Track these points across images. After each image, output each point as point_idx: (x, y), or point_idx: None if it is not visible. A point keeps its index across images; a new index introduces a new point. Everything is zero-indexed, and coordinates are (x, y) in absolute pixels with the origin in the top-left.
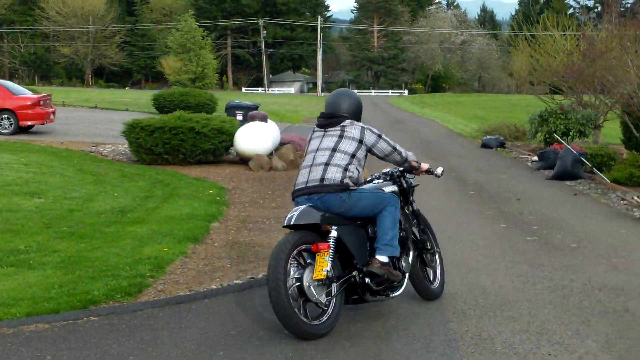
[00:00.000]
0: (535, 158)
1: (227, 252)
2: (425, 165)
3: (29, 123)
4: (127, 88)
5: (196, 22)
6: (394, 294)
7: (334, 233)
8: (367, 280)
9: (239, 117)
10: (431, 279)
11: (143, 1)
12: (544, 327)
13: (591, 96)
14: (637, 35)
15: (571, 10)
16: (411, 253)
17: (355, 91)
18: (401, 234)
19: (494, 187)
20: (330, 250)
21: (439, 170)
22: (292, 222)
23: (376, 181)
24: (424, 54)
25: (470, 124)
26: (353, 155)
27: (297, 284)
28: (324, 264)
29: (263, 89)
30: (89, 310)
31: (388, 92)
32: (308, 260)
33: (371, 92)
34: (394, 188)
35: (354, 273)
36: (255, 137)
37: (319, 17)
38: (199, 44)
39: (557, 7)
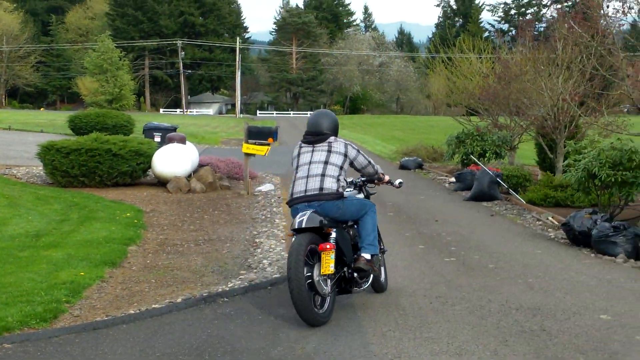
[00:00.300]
0: (453, 179)
1: (145, 276)
2: (387, 177)
3: None
4: (42, 109)
5: (113, 43)
6: (365, 286)
7: (334, 235)
8: (355, 275)
9: (157, 139)
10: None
11: (59, 21)
12: (463, 348)
13: (507, 118)
14: (550, 59)
15: (487, 34)
16: None
17: (274, 113)
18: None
19: (413, 209)
20: (334, 249)
21: (397, 181)
22: (302, 226)
23: (348, 189)
24: (342, 75)
25: (389, 145)
26: (341, 167)
27: (308, 280)
28: (331, 261)
29: (181, 110)
30: (2, 338)
31: (307, 114)
32: (313, 259)
33: (290, 114)
34: (362, 196)
35: (345, 269)
36: (173, 159)
37: (238, 38)
38: (116, 65)
39: (472, 30)
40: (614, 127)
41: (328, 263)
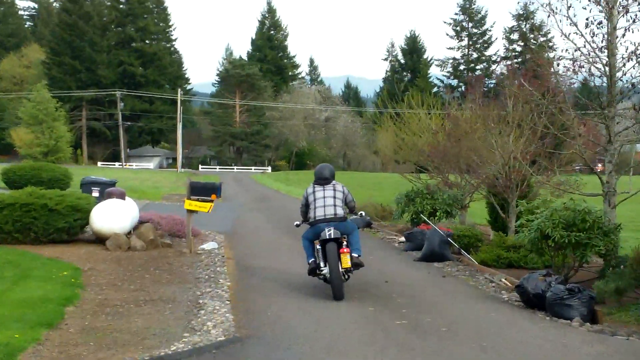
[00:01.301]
0: (403, 239)
1: (84, 339)
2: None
3: None
4: None
5: (49, 93)
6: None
7: (345, 242)
8: (352, 268)
9: (95, 194)
10: None
11: None
12: None
13: (457, 176)
14: (501, 116)
15: (435, 89)
16: None
17: (217, 167)
18: None
19: (361, 269)
20: (350, 252)
21: (360, 212)
22: (332, 237)
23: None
24: (288, 130)
25: None
26: (342, 201)
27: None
28: (348, 259)
29: (120, 163)
30: None
31: (251, 169)
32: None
33: (233, 169)
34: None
35: None
36: (112, 215)
37: (179, 89)
38: (52, 116)
39: (421, 85)
40: (567, 186)
41: (346, 260)
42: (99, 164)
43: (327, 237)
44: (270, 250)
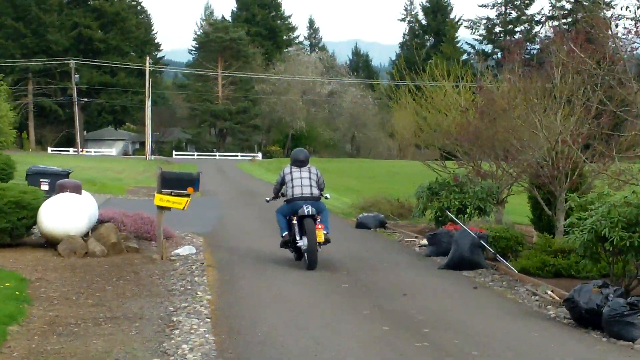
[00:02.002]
0: (424, 242)
1: None
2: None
3: None
4: None
5: None
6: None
7: (319, 219)
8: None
9: (45, 187)
10: None
11: None
12: None
13: (492, 164)
14: (546, 90)
15: (465, 56)
16: None
17: (195, 154)
18: None
19: (373, 279)
20: (323, 227)
21: (328, 195)
22: (310, 213)
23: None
24: (282, 107)
25: (342, 197)
26: (317, 182)
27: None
28: (322, 234)
29: (75, 149)
30: None
31: (237, 156)
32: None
33: (215, 156)
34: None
35: None
36: (65, 214)
37: (148, 58)
38: None
39: (447, 52)
40: (628, 176)
41: (321, 235)
42: (49, 149)
43: (306, 214)
44: (260, 255)
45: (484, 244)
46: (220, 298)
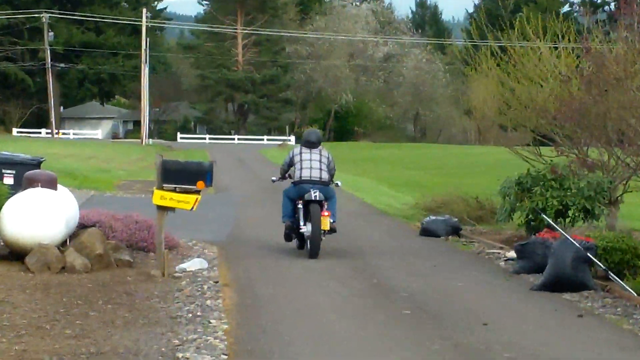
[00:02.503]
0: (512, 254)
1: None
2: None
3: None
4: None
5: None
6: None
7: (326, 205)
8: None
9: (9, 180)
10: None
11: None
12: None
13: (602, 151)
14: None
15: (566, 8)
16: None
17: (207, 137)
18: None
19: (443, 304)
20: (329, 215)
21: (339, 183)
22: (317, 199)
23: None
24: (322, 75)
25: (401, 195)
26: (327, 166)
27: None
28: (328, 222)
29: (49, 131)
30: None
31: (262, 140)
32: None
33: (233, 140)
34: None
35: None
36: (36, 216)
37: (145, 10)
38: None
39: (542, 3)
40: None
41: (326, 222)
42: (15, 131)
43: (313, 199)
44: (293, 270)
45: (592, 257)
46: (241, 328)
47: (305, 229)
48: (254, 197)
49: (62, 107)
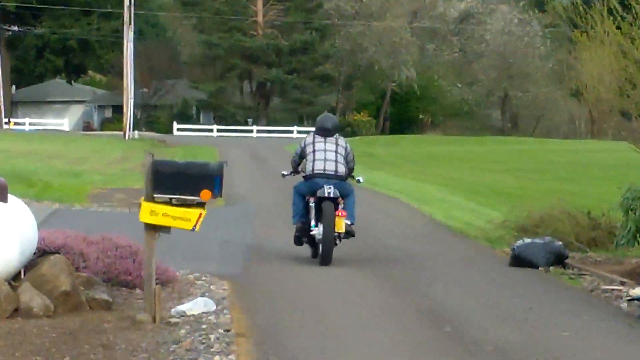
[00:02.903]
0: (638, 291)
1: None
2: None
3: None
4: None
5: None
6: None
7: (342, 205)
8: (344, 234)
9: None
10: None
11: None
12: None
13: None
14: None
15: None
16: None
17: (214, 128)
18: None
19: (543, 353)
20: (346, 216)
21: (359, 177)
22: (332, 196)
23: None
24: (374, 43)
25: (484, 208)
26: (345, 157)
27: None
28: (343, 223)
29: None
30: None
31: (291, 132)
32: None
33: (251, 132)
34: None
35: None
36: None
37: None
38: None
39: None
40: None
41: (341, 224)
42: None
43: (326, 195)
44: (337, 313)
45: None
46: None
47: (317, 231)
48: (278, 210)
49: (14, 87)
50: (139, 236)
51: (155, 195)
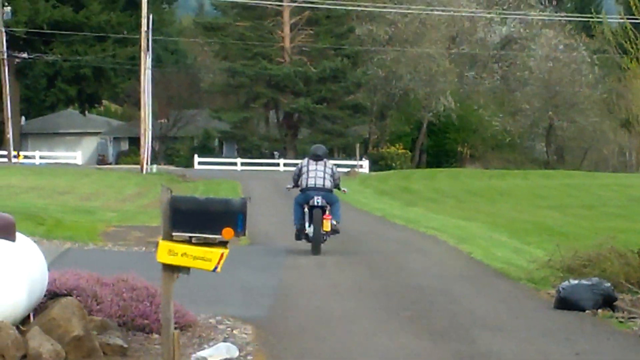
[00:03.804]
0: None
1: None
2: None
3: None
4: None
5: None
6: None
7: (328, 209)
8: (330, 232)
9: None
10: None
11: None
12: None
13: None
14: None
15: None
16: None
17: (238, 162)
18: None
19: None
20: (330, 219)
21: (346, 189)
22: (320, 204)
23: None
24: (409, 70)
25: (528, 247)
26: (331, 176)
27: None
28: (329, 224)
29: (4, 153)
30: None
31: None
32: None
33: (278, 165)
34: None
35: None
36: None
37: None
38: None
39: None
40: None
41: (327, 225)
42: None
43: (315, 204)
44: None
45: None
46: None
47: (309, 230)
48: (306, 250)
49: (23, 118)
50: (157, 277)
51: (173, 234)
